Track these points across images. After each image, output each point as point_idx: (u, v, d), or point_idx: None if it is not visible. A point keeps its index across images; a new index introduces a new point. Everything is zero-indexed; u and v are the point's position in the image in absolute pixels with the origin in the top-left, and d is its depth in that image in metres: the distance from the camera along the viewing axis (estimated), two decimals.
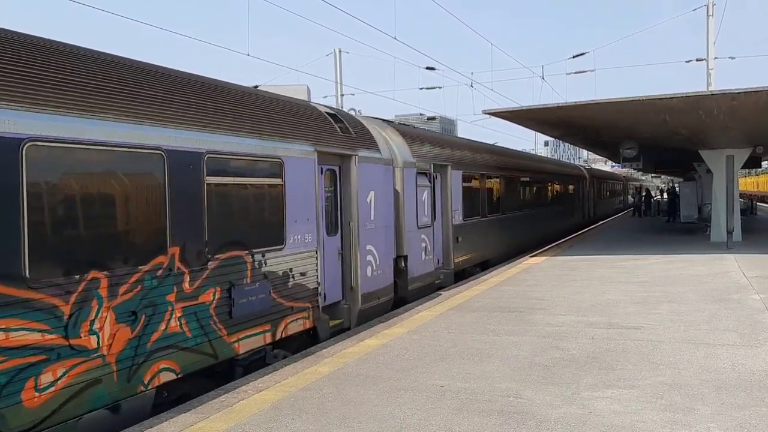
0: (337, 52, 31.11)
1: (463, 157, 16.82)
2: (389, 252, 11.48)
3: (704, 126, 18.78)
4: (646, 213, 42.91)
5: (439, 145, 15.50)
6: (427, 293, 13.09)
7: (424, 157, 13.73)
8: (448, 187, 15.06)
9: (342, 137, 10.27)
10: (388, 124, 13.67)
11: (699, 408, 5.95)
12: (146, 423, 5.98)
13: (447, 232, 14.99)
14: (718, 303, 11.06)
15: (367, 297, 10.56)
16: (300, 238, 8.87)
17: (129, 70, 6.80)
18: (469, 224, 16.51)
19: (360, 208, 10.33)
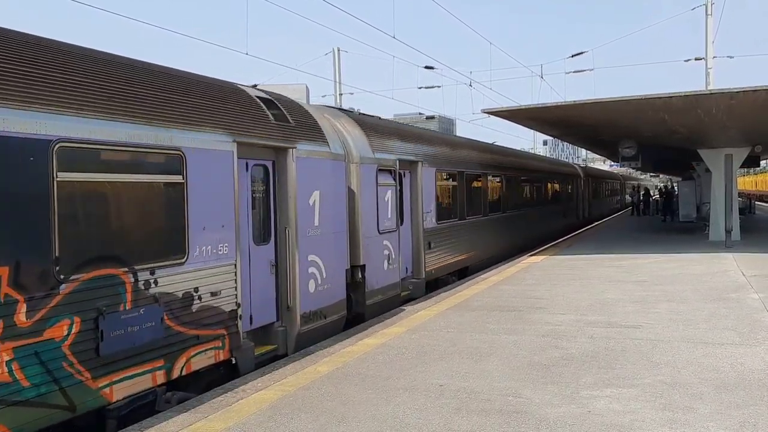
0: (336, 51, 31.11)
1: (437, 153, 15.08)
2: (340, 262, 9.83)
3: (703, 125, 18.79)
4: (645, 212, 42.95)
5: (407, 138, 13.69)
6: (392, 307, 11.46)
7: (388, 152, 12.08)
8: (418, 186, 13.47)
9: (276, 127, 8.53)
10: (345, 114, 11.80)
11: (698, 407, 5.95)
12: (145, 423, 5.97)
13: (417, 237, 13.46)
14: (717, 302, 11.06)
15: (310, 317, 8.95)
16: (210, 249, 7.14)
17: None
18: (444, 228, 14.92)
19: (300, 211, 8.74)
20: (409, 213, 13.33)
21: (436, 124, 38.49)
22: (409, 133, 14.39)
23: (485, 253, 18.12)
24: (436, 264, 14.34)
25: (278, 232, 8.64)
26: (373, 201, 11.19)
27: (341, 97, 31.37)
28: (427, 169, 14.02)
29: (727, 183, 21.21)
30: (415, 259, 13.49)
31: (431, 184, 14.22)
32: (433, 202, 14.24)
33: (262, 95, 8.89)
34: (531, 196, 24.57)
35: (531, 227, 23.93)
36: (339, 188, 9.90)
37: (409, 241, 13.23)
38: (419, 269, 13.52)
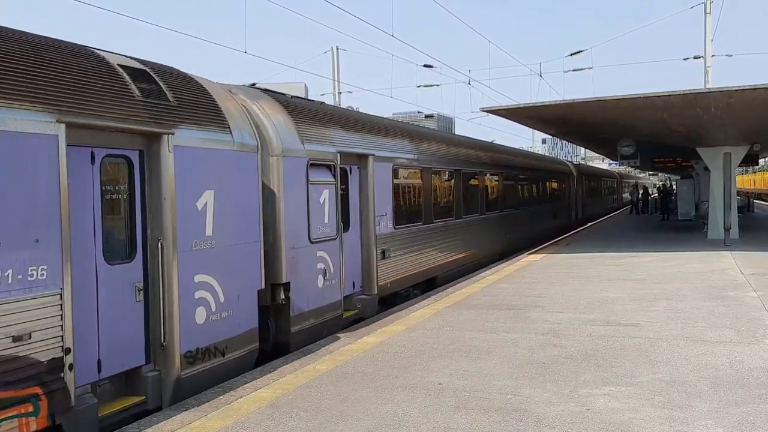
0: (335, 49, 31.11)
1: (394, 146, 12.82)
2: (249, 281, 7.73)
3: (702, 123, 18.81)
4: (644, 211, 43.04)
5: (353, 127, 11.39)
6: (332, 331, 9.67)
7: (325, 143, 9.97)
8: (369, 184, 11.30)
9: (145, 106, 6.46)
10: (267, 95, 9.60)
11: (697, 405, 5.96)
12: (144, 421, 5.98)
13: (368, 245, 11.34)
14: (715, 300, 11.08)
15: (197, 355, 6.92)
16: (11, 274, 5.07)
17: None
18: (404, 233, 12.83)
19: (182, 217, 6.73)
20: (358, 217, 11.23)
21: (435, 123, 38.58)
22: (356, 121, 11.90)
23: (458, 262, 16.01)
24: (393, 276, 12.17)
25: (149, 246, 6.55)
26: (302, 203, 9.16)
27: (340, 96, 31.39)
28: (382, 164, 11.91)
29: (726, 181, 21.23)
30: (365, 272, 11.33)
31: (387, 183, 12.12)
32: (389, 204, 12.13)
33: (131, 64, 6.77)
34: (516, 195, 22.23)
35: (516, 230, 21.86)
36: (248, 188, 7.77)
37: (356, 250, 11.17)
38: (370, 283, 11.35)
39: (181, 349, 6.71)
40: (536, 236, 24.54)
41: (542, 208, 26.16)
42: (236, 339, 7.52)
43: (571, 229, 30.76)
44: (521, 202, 22.76)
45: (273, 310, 8.76)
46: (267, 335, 8.64)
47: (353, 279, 11.05)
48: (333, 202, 9.97)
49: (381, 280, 11.62)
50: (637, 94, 15.58)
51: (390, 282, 12.09)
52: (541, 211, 26.00)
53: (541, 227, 25.64)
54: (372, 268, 11.44)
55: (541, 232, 25.57)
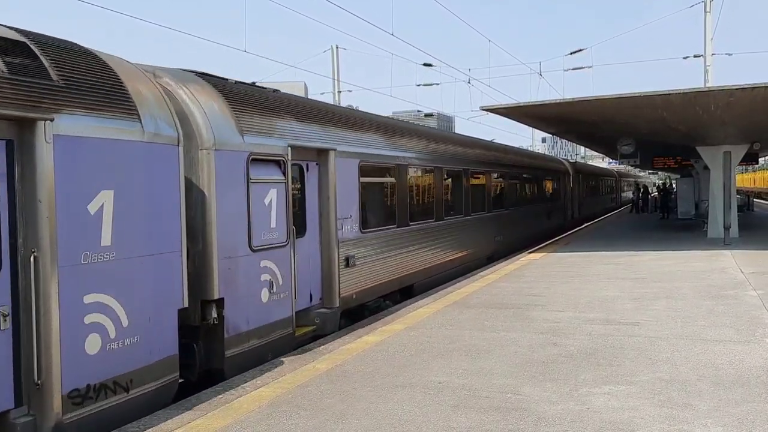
0: (335, 48, 31.11)
1: (363, 140, 11.46)
2: (164, 300, 6.41)
3: (702, 122, 18.81)
4: (644, 209, 43.10)
5: (309, 118, 9.96)
6: (280, 352, 8.36)
7: (273, 136, 8.67)
8: (330, 183, 9.97)
9: (13, 85, 5.21)
10: (200, 79, 8.21)
11: (697, 404, 5.96)
12: (145, 420, 5.98)
13: (328, 252, 9.96)
14: (715, 299, 11.08)
15: (87, 395, 5.62)
16: None
17: None
18: (374, 238, 11.50)
19: (67, 224, 5.49)
20: (317, 220, 9.90)
21: (435, 122, 38.57)
22: (314, 111, 10.38)
23: (440, 268, 14.72)
24: (360, 286, 10.80)
25: (20, 260, 5.25)
26: (240, 205, 7.87)
27: (340, 95, 31.40)
28: (346, 160, 10.54)
29: (726, 180, 21.23)
30: (325, 282, 9.95)
31: (352, 181, 10.78)
32: (355, 205, 10.78)
33: (2, 33, 5.57)
34: (506, 195, 20.80)
35: (506, 231, 20.43)
36: (164, 187, 6.47)
37: (315, 258, 9.81)
38: (331, 295, 9.95)
39: (64, 387, 5.37)
40: (529, 238, 23.36)
41: (535, 208, 24.78)
42: (146, 370, 6.14)
43: (567, 230, 29.64)
44: (512, 202, 21.44)
45: (203, 332, 7.44)
46: (193, 362, 7.30)
47: (311, 291, 9.65)
48: (282, 204, 8.60)
49: (344, 291, 10.22)
50: (637, 92, 15.59)
51: (356, 293, 10.63)
52: (534, 212, 24.58)
53: (534, 228, 24.32)
54: (333, 277, 9.98)
55: (535, 233, 24.29)
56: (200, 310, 7.37)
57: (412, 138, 14.23)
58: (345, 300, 10.27)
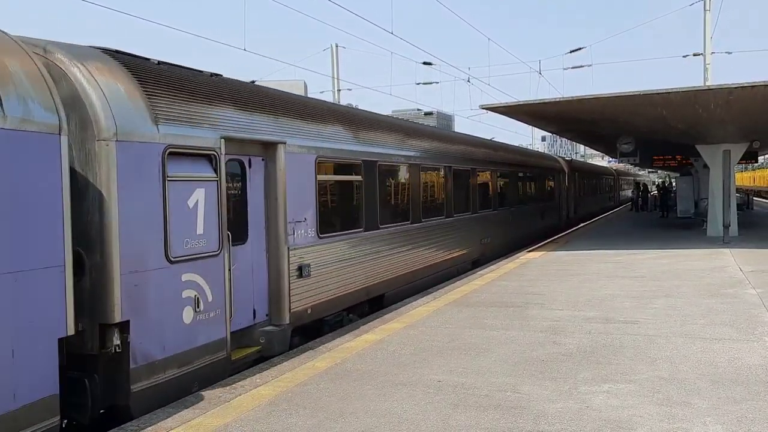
0: (334, 47, 31.09)
1: (321, 133, 10.18)
2: (36, 327, 5.17)
3: (701, 120, 18.81)
4: (643, 208, 43.17)
5: (251, 106, 8.65)
6: (209, 380, 7.17)
7: (200, 125, 7.39)
8: (279, 182, 8.78)
9: None
10: (104, 55, 6.89)
11: (696, 402, 5.97)
12: (145, 419, 5.98)
13: (276, 261, 8.78)
14: (714, 298, 11.09)
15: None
16: None
17: None
18: (335, 243, 10.22)
19: None
20: (262, 224, 8.69)
21: (434, 120, 38.15)
22: (259, 98, 9.03)
23: (416, 275, 13.50)
24: (318, 298, 9.62)
25: None
26: (153, 207, 6.60)
27: (339, 93, 31.39)
28: (300, 156, 9.33)
29: (725, 179, 21.24)
30: (273, 296, 8.78)
31: (308, 180, 9.54)
32: (311, 207, 9.57)
33: None
34: (494, 194, 19.47)
35: (494, 233, 19.14)
36: (37, 186, 5.22)
37: (259, 267, 8.63)
38: (279, 311, 8.78)
39: None
40: (521, 239, 22.22)
41: (527, 208, 23.40)
42: (7, 419, 4.93)
43: (562, 231, 28.27)
44: (502, 201, 20.15)
45: (103, 362, 6.19)
46: (80, 402, 6.06)
47: (254, 306, 8.48)
48: (213, 206, 7.39)
49: (297, 306, 9.02)
50: (637, 91, 15.59)
51: (311, 306, 9.43)
52: (526, 212, 23.25)
53: (525, 229, 23.09)
54: (282, 290, 8.77)
55: (527, 234, 23.15)
56: (99, 336, 6.11)
57: (384, 132, 12.83)
58: (297, 315, 9.04)
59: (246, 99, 8.68)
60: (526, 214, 23.22)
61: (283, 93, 10.24)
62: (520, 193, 22.68)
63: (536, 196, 25.20)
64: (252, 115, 8.57)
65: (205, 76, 8.37)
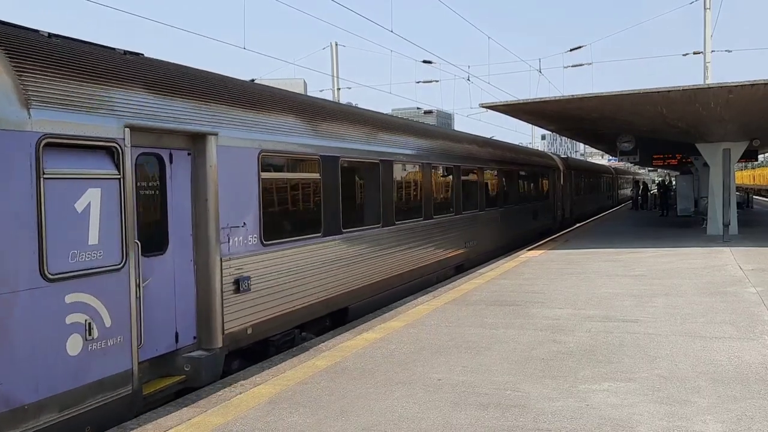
0: (334, 45, 31.07)
1: (268, 124, 8.88)
2: None
3: (701, 119, 18.81)
4: (643, 206, 43.22)
5: (172, 90, 7.36)
6: (109, 422, 6.13)
7: (94, 110, 6.16)
8: (209, 180, 7.58)
9: None
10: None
11: (696, 400, 5.97)
12: (144, 417, 5.99)
13: (206, 274, 7.58)
14: (714, 296, 11.09)
15: None
16: None
17: None
18: (284, 251, 8.99)
19: None
20: (188, 230, 7.48)
21: (434, 119, 38.37)
22: (181, 80, 7.69)
23: (388, 284, 12.24)
24: (261, 315, 8.46)
25: None
26: (22, 211, 5.41)
27: (339, 92, 31.37)
28: (239, 150, 8.12)
29: (725, 177, 21.25)
30: (202, 315, 7.55)
31: (249, 178, 8.35)
32: (254, 209, 8.40)
33: None
34: (481, 194, 18.19)
35: (481, 236, 17.98)
36: None
37: (184, 282, 7.39)
38: (210, 332, 7.57)
39: None
40: (510, 242, 21.08)
41: (518, 208, 22.13)
42: None
43: (557, 232, 27.26)
44: (490, 201, 18.91)
45: None
46: None
47: (177, 328, 7.25)
48: (114, 209, 6.23)
49: (233, 325, 7.85)
50: (637, 89, 15.58)
51: (253, 325, 8.27)
52: (517, 212, 21.97)
53: (516, 231, 21.88)
54: (213, 308, 7.55)
55: (517, 236, 21.99)
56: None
57: (348, 124, 11.38)
58: (233, 337, 7.87)
59: (164, 81, 7.30)
60: (517, 214, 22.04)
61: (218, 76, 8.79)
62: (511, 193, 21.47)
63: (528, 195, 23.93)
64: (173, 100, 7.22)
65: (116, 54, 7.03)
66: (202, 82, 8.13)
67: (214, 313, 7.60)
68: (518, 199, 22.25)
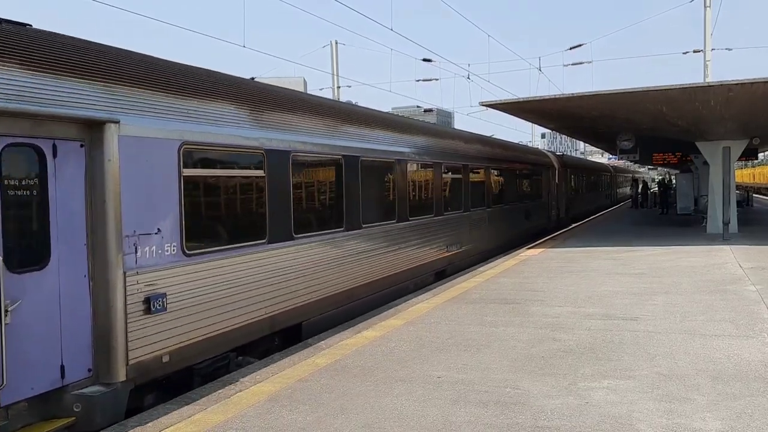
0: (334, 44, 31.07)
1: (192, 111, 7.44)
2: None
3: (701, 117, 18.81)
4: (643, 205, 43.23)
5: (54, 66, 6.06)
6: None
7: None
8: (108, 178, 6.25)
9: None
10: None
11: (695, 398, 5.98)
12: (145, 415, 6.00)
13: (105, 292, 6.23)
14: (714, 294, 11.10)
15: None
16: None
17: None
18: (213, 262, 7.54)
19: None
20: (81, 238, 6.15)
21: (434, 117, 38.56)
22: (65, 53, 6.24)
23: (345, 296, 10.62)
24: (183, 338, 7.05)
25: None
26: None
27: (339, 90, 31.37)
28: (148, 141, 6.71)
29: (725, 175, 21.25)
30: (101, 342, 6.23)
31: (166, 175, 6.95)
32: (172, 213, 6.99)
33: None
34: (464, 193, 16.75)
35: (464, 238, 16.64)
36: None
37: (75, 301, 6.08)
38: (111, 362, 6.25)
39: None
40: (501, 244, 19.99)
41: (508, 208, 20.86)
42: None
43: (552, 232, 26.20)
44: (476, 201, 17.57)
45: None
46: None
47: (63, 360, 5.93)
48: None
49: (141, 354, 6.49)
50: (637, 88, 15.58)
51: (170, 352, 6.87)
52: (507, 212, 20.73)
53: (506, 232, 20.66)
54: (113, 333, 6.24)
55: (508, 238, 20.84)
56: None
57: (303, 114, 9.97)
58: (143, 367, 6.51)
59: (47, 56, 5.97)
60: (508, 214, 20.82)
61: (126, 52, 7.29)
62: (500, 192, 20.14)
63: (520, 194, 22.53)
64: (57, 79, 5.92)
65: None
66: (102, 58, 6.62)
67: (115, 339, 6.24)
68: (509, 198, 21.01)
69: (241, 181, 8.25)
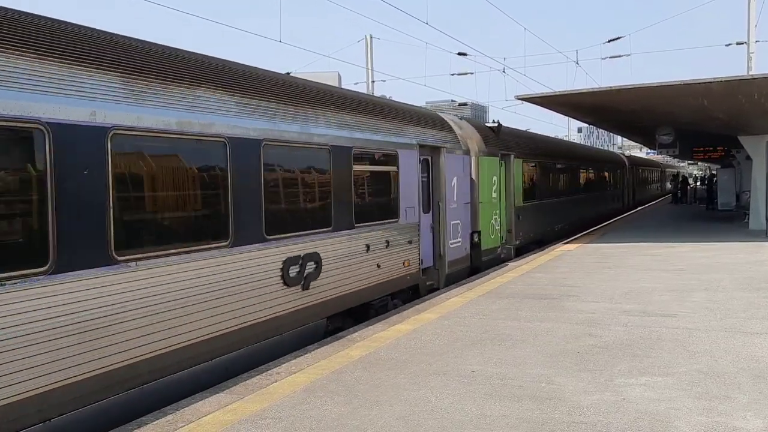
0: (368, 38, 31.05)
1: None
2: None
3: (744, 111, 18.36)
4: (683, 200, 42.43)
5: None
6: None
7: None
8: None
9: None
10: None
11: (736, 396, 5.86)
12: (183, 402, 6.10)
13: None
14: (755, 291, 10.85)
15: None
16: None
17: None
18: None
19: None
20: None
21: (468, 111, 37.38)
22: None
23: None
24: None
25: None
26: None
27: (373, 84, 31.37)
28: None
29: None
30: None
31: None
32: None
33: None
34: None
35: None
36: None
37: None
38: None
39: None
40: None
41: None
42: None
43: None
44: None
45: None
46: None
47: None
48: None
49: None
50: (677, 81, 15.26)
51: None
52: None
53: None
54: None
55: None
56: None
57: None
58: None
59: None
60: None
61: None
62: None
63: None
64: None
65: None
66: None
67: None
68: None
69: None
